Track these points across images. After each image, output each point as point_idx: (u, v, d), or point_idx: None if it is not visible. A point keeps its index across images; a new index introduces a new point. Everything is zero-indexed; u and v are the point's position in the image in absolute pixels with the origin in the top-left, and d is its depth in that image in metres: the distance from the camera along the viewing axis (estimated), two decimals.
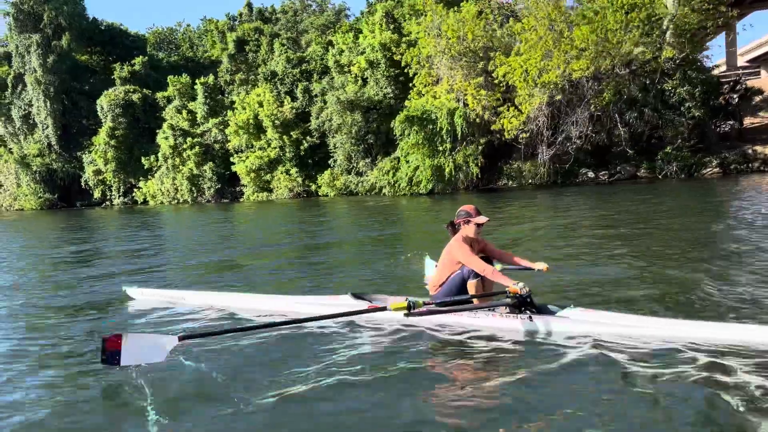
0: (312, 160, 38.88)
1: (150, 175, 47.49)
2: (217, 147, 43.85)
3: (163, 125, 45.33)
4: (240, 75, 45.19)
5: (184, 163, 44.61)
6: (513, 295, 4.62)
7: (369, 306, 4.98)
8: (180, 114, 45.08)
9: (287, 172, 39.53)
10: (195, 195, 44.95)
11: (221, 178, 43.69)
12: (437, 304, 4.90)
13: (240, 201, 41.82)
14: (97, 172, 50.04)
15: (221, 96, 45.28)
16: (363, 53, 35.87)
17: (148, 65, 52.16)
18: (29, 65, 51.05)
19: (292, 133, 38.58)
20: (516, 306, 4.70)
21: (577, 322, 4.56)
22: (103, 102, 47.44)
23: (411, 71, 32.71)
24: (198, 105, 44.30)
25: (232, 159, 42.27)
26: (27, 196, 53.47)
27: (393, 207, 24.03)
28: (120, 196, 49.86)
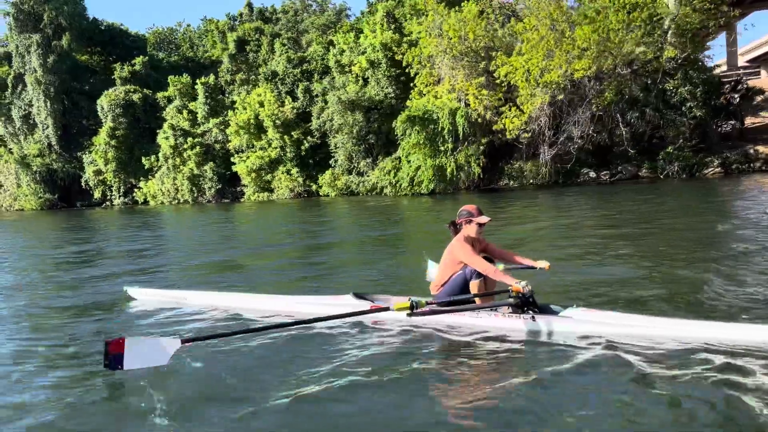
0: (313, 160, 38.83)
1: (150, 176, 47.44)
2: (218, 147, 43.80)
3: (164, 125, 45.29)
4: (241, 75, 45.16)
5: (184, 163, 44.56)
6: (516, 295, 4.60)
7: (372, 306, 4.97)
8: (180, 114, 45.04)
9: (288, 172, 39.49)
10: (195, 195, 44.91)
11: (222, 178, 43.64)
12: (440, 303, 4.88)
13: (241, 201, 41.80)
14: (98, 172, 49.97)
15: (222, 96, 45.23)
16: (364, 53, 35.83)
17: (148, 65, 52.10)
18: (29, 65, 50.99)
19: (293, 133, 38.55)
20: (519, 306, 4.68)
21: (580, 322, 4.54)
22: (104, 102, 47.41)
23: (412, 71, 32.65)
24: (198, 105, 44.26)
25: (232, 159, 42.22)
26: (27, 196, 53.38)
27: (394, 207, 24.00)
28: (120, 196, 49.79)
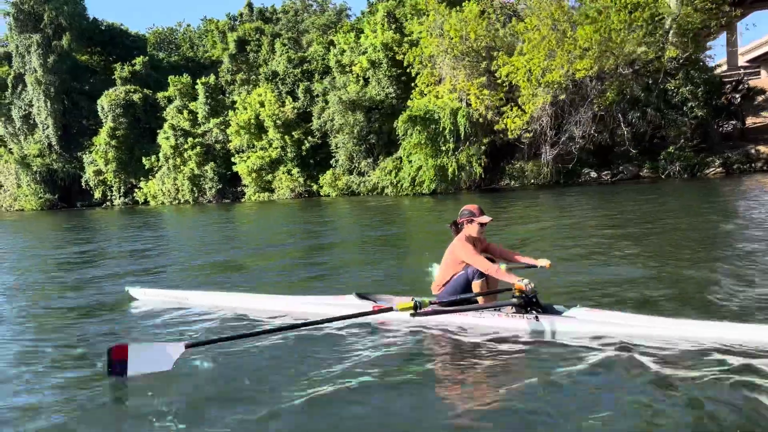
0: (314, 160, 38.80)
1: (151, 176, 47.43)
2: (219, 147, 43.78)
3: (164, 125, 45.28)
4: (241, 75, 45.14)
5: (185, 164, 44.54)
6: (519, 294, 4.59)
7: (375, 306, 4.94)
8: (181, 114, 45.03)
9: (289, 172, 39.46)
10: (196, 195, 44.89)
11: (222, 178, 43.62)
12: (443, 303, 4.86)
13: (241, 201, 41.77)
14: (98, 172, 49.96)
15: (222, 96, 45.21)
16: (365, 53, 35.80)
17: (148, 65, 52.10)
18: (29, 65, 50.99)
19: (293, 133, 38.52)
20: (522, 306, 4.66)
21: (584, 321, 4.51)
22: (104, 102, 47.40)
23: (413, 71, 32.62)
24: (199, 105, 44.24)
25: (233, 159, 42.21)
26: (27, 196, 53.37)
27: (395, 207, 23.97)
28: (121, 196, 49.78)
